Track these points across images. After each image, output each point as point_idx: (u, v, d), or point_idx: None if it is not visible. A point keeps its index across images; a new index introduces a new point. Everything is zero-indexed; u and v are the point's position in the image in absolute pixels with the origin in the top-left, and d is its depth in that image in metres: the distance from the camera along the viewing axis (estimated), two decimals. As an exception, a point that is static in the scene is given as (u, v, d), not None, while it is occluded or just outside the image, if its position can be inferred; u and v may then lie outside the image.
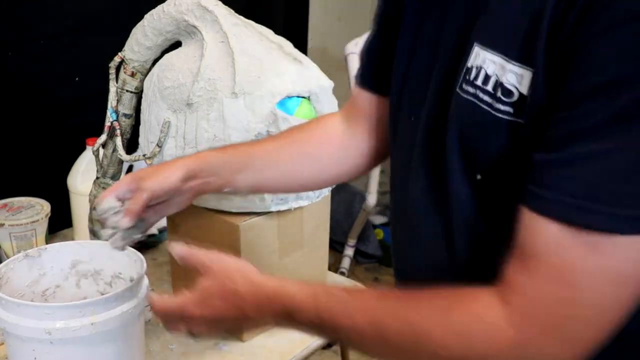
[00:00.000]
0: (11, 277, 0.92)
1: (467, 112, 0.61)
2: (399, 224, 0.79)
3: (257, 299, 0.68)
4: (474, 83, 0.60)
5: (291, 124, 1.00)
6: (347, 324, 0.63)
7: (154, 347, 1.09)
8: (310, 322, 0.65)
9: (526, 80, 0.56)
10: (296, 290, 0.66)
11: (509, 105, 0.57)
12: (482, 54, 0.60)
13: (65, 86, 1.49)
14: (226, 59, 1.00)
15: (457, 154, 0.64)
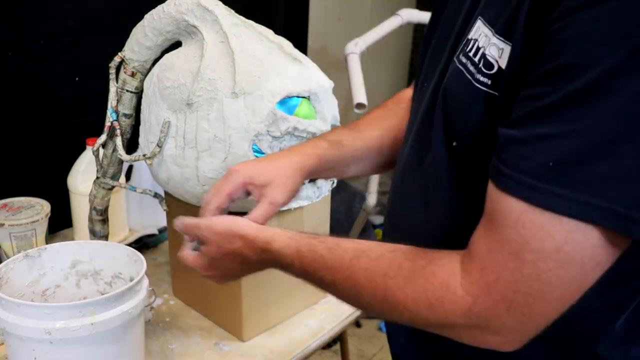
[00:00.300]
0: (11, 277, 0.92)
1: (455, 80, 0.65)
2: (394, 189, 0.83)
3: (255, 253, 0.77)
4: (468, 54, 0.63)
5: (291, 123, 1.00)
6: (328, 279, 0.70)
7: (154, 347, 1.09)
8: (298, 274, 0.74)
9: (505, 54, 0.58)
10: (283, 246, 0.74)
11: (488, 77, 0.60)
12: (481, 28, 0.62)
13: (65, 86, 1.49)
14: (226, 59, 1.00)
15: (440, 120, 0.68)
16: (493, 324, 0.59)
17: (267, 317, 1.15)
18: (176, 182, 1.04)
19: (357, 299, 0.69)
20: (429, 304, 0.61)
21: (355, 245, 0.70)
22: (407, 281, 0.63)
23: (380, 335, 2.62)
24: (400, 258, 0.65)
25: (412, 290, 0.63)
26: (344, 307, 1.25)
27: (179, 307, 1.22)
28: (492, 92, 0.60)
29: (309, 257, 0.72)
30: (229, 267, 0.81)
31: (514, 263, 0.56)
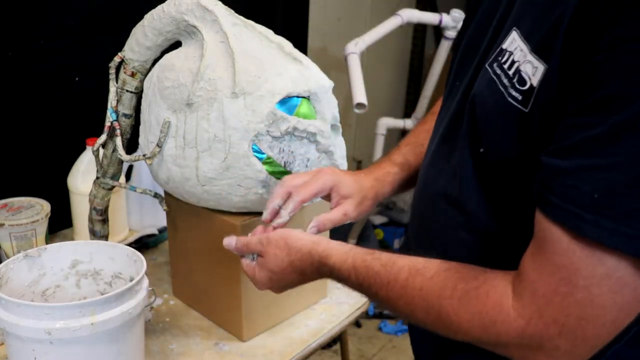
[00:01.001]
0: (11, 277, 0.92)
1: (487, 89, 0.67)
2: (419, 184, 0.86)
3: (312, 265, 0.81)
4: (502, 66, 0.65)
5: (291, 123, 1.00)
6: (383, 295, 0.73)
7: (154, 347, 1.09)
8: (353, 287, 0.78)
9: (539, 73, 0.60)
10: (338, 261, 0.78)
11: (520, 93, 0.62)
12: (517, 41, 0.64)
13: (65, 86, 1.49)
14: (226, 59, 1.00)
15: (468, 125, 0.70)
16: (546, 346, 0.60)
17: (267, 317, 1.15)
18: (176, 182, 1.04)
19: (411, 316, 0.71)
20: (483, 325, 0.63)
21: (410, 263, 0.71)
22: (461, 303, 0.65)
23: (380, 335, 2.62)
24: (455, 278, 0.67)
25: (466, 311, 0.64)
26: (344, 307, 1.25)
27: (179, 307, 1.22)
28: (522, 108, 0.62)
29: (364, 273, 0.75)
30: (287, 280, 0.85)
31: (565, 288, 0.58)
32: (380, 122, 2.81)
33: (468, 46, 0.80)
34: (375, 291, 0.74)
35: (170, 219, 1.20)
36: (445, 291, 0.66)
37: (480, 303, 0.64)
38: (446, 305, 0.66)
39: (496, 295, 0.63)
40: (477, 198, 0.71)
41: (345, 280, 0.78)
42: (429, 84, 2.86)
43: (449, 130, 0.78)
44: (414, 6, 3.46)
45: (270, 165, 1.01)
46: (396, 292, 0.71)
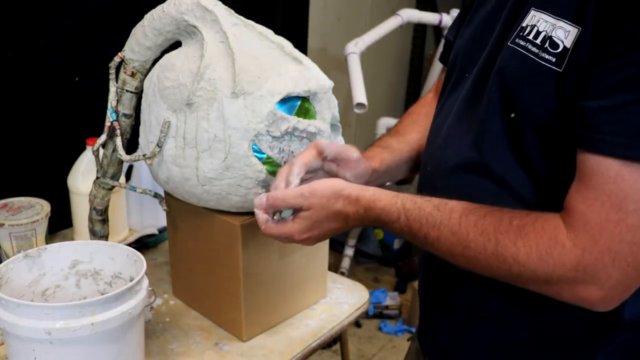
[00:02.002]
0: (11, 277, 0.92)
1: (515, 60, 0.73)
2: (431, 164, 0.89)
3: (357, 212, 0.82)
4: (527, 37, 0.72)
5: (291, 123, 1.00)
6: (435, 235, 0.74)
7: (154, 347, 1.09)
8: (402, 230, 0.78)
9: (572, 36, 0.67)
10: (387, 203, 0.79)
11: (553, 55, 0.69)
12: (538, 15, 0.72)
13: (65, 86, 1.49)
14: (226, 59, 1.00)
15: (496, 96, 0.75)
16: (599, 276, 0.64)
17: (267, 317, 1.15)
18: (176, 182, 1.04)
19: (463, 254, 0.73)
20: (540, 255, 0.66)
21: (463, 204, 0.75)
22: (519, 235, 0.68)
23: (380, 335, 2.62)
24: (509, 215, 0.70)
25: (524, 243, 0.67)
26: (344, 307, 1.25)
27: (179, 307, 1.22)
28: (556, 68, 0.68)
29: (415, 213, 0.77)
30: (328, 227, 0.85)
31: (617, 215, 0.62)
32: (380, 122, 2.82)
33: (473, 41, 0.85)
34: (426, 232, 0.75)
35: (170, 219, 1.20)
36: (502, 226, 0.69)
37: (537, 235, 0.67)
38: (503, 239, 0.68)
39: (551, 228, 0.67)
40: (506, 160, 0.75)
41: (392, 222, 0.79)
42: (429, 84, 2.87)
43: (467, 107, 0.82)
44: (414, 6, 3.46)
45: (270, 165, 1.01)
46: (449, 230, 0.73)
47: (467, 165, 0.80)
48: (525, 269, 0.68)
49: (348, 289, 1.32)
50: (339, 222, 0.85)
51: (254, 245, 1.07)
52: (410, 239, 0.79)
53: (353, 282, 1.36)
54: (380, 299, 2.73)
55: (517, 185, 0.75)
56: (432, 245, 0.76)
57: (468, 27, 0.89)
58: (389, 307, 2.71)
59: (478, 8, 0.87)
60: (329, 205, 0.84)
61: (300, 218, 0.86)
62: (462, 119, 0.83)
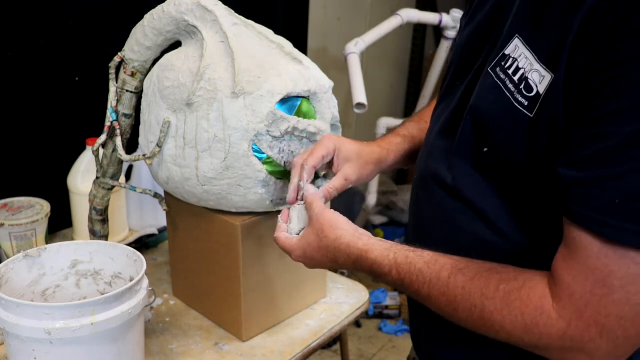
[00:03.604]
0: (11, 277, 0.92)
1: (491, 93, 0.71)
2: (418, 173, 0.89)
3: (349, 258, 0.81)
4: (507, 71, 0.69)
5: (291, 123, 1.00)
6: (425, 292, 0.73)
7: (154, 347, 1.09)
8: (394, 283, 0.77)
9: (545, 82, 0.64)
10: (379, 255, 0.78)
11: (526, 99, 0.66)
12: (521, 49, 0.68)
13: (65, 86, 1.49)
14: (226, 59, 1.00)
15: (470, 127, 0.74)
16: (588, 347, 0.62)
17: (267, 317, 1.15)
18: (176, 182, 1.04)
19: (453, 315, 0.72)
20: (525, 326, 0.65)
21: (453, 262, 0.73)
22: (505, 304, 0.66)
23: (380, 335, 2.62)
24: (496, 279, 0.68)
25: (509, 313, 0.66)
26: (344, 307, 1.25)
27: (179, 307, 1.22)
28: (527, 113, 0.66)
29: (406, 269, 0.75)
30: (318, 260, 0.86)
31: (601, 290, 0.60)
32: (380, 122, 2.82)
33: (469, 47, 0.82)
34: (417, 288, 0.74)
35: (170, 219, 1.20)
36: (489, 291, 0.68)
37: (522, 305, 0.65)
38: (489, 305, 0.67)
39: (537, 297, 0.65)
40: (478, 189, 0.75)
41: (385, 275, 0.78)
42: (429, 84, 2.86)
43: (448, 126, 0.82)
44: (414, 6, 3.46)
45: (270, 165, 1.01)
46: (438, 290, 0.72)
47: (442, 183, 0.80)
48: (511, 337, 0.67)
49: (348, 289, 1.32)
50: (329, 260, 0.85)
51: (254, 245, 1.07)
52: (403, 291, 0.79)
53: (353, 282, 1.36)
54: (380, 299, 2.73)
55: (491, 214, 0.74)
56: (424, 301, 0.75)
57: (467, 27, 0.86)
58: (389, 307, 2.71)
59: (476, 12, 0.84)
60: (321, 237, 0.84)
61: (300, 238, 0.88)
62: (444, 133, 0.82)
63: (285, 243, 0.90)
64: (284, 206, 1.05)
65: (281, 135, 1.00)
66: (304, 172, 0.92)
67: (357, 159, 0.96)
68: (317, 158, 0.93)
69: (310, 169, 0.93)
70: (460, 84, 0.82)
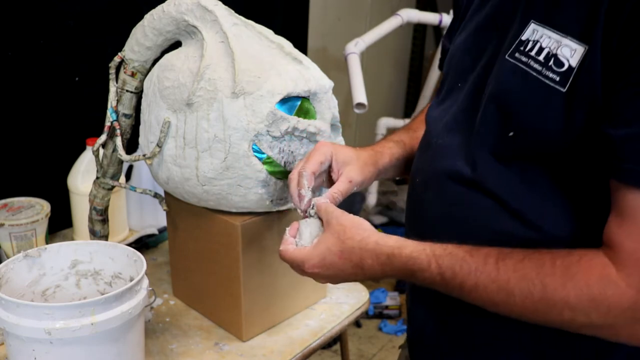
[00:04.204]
0: (11, 277, 0.92)
1: (516, 77, 0.70)
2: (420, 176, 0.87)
3: (377, 258, 0.74)
4: (528, 54, 0.69)
5: (291, 123, 1.00)
6: (471, 283, 0.68)
7: (154, 347, 1.09)
8: (432, 280, 0.71)
9: (578, 54, 0.65)
10: (415, 250, 0.72)
11: (557, 74, 0.66)
12: (541, 31, 0.69)
13: (65, 86, 1.49)
14: (226, 59, 1.00)
15: (493, 114, 0.72)
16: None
17: (267, 317, 1.15)
18: (176, 182, 1.05)
19: (506, 302, 0.67)
20: (592, 299, 0.62)
21: (496, 250, 0.69)
22: (567, 277, 0.63)
23: (380, 335, 2.62)
24: (549, 256, 0.65)
25: (574, 286, 0.62)
26: (344, 307, 1.25)
27: (179, 307, 1.22)
28: (560, 88, 0.66)
29: (447, 260, 0.70)
30: (338, 267, 0.78)
31: None
32: (380, 122, 2.82)
33: (469, 49, 0.82)
34: (461, 280, 0.69)
35: (170, 219, 1.20)
36: (545, 268, 0.64)
37: (585, 276, 0.62)
38: (550, 282, 0.63)
39: (599, 267, 0.62)
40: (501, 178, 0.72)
41: (422, 271, 0.71)
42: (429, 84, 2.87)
43: (458, 122, 0.80)
44: (414, 6, 3.46)
45: (270, 165, 1.01)
46: (487, 277, 0.67)
47: (460, 178, 0.77)
48: (578, 313, 0.63)
49: (348, 289, 1.32)
50: (353, 265, 0.76)
51: (254, 245, 1.07)
52: (441, 288, 0.72)
53: (353, 282, 1.36)
54: (380, 299, 2.73)
55: (515, 203, 0.71)
56: (469, 294, 0.69)
57: (462, 33, 0.86)
58: (389, 307, 2.71)
59: (474, 14, 0.84)
60: (344, 238, 0.77)
61: (315, 246, 0.80)
62: (454, 130, 0.80)
63: (295, 254, 0.81)
64: (284, 206, 1.05)
65: (281, 135, 1.00)
66: (304, 179, 0.87)
67: (356, 161, 0.93)
68: (314, 163, 0.89)
69: (310, 175, 0.88)
70: (463, 85, 0.81)
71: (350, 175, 0.91)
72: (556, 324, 0.66)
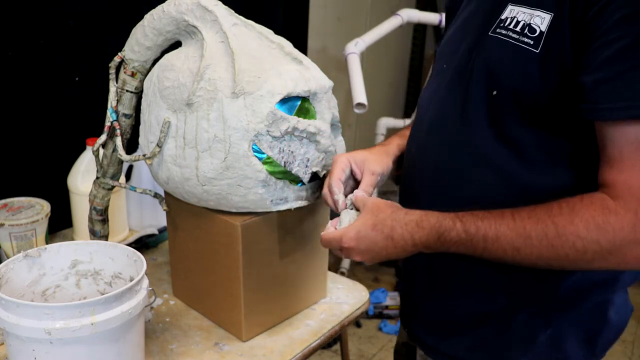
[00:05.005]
0: (11, 277, 0.92)
1: (498, 46, 0.83)
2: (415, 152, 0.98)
3: (406, 226, 0.84)
4: (507, 27, 0.83)
5: (291, 123, 1.00)
6: (493, 234, 0.79)
7: (154, 347, 1.09)
8: (459, 238, 0.81)
9: (546, 21, 0.78)
10: (440, 215, 0.83)
11: (531, 39, 0.79)
12: (517, 9, 0.83)
13: (65, 86, 1.49)
14: (226, 59, 1.00)
15: (482, 77, 0.84)
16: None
17: (267, 317, 1.15)
18: (176, 182, 1.04)
19: (525, 245, 0.77)
20: (598, 227, 0.73)
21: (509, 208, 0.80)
22: (574, 214, 0.74)
23: (380, 335, 2.62)
24: (555, 203, 0.76)
25: (580, 219, 0.74)
26: (344, 307, 1.25)
27: (179, 307, 1.22)
28: (533, 49, 0.78)
29: (470, 218, 0.81)
30: (371, 239, 0.86)
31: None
32: (380, 122, 2.82)
33: (456, 36, 0.95)
34: (484, 232, 0.79)
35: (170, 219, 1.20)
36: (553, 210, 0.76)
37: (589, 210, 0.73)
38: (560, 221, 0.74)
39: (599, 201, 0.73)
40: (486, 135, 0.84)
41: (449, 230, 0.81)
42: (429, 84, 2.86)
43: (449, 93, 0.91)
44: (414, 6, 3.46)
45: (270, 165, 1.01)
46: (506, 226, 0.78)
47: (451, 144, 0.89)
48: (588, 242, 0.73)
49: (348, 289, 1.32)
50: (384, 236, 0.85)
51: (254, 245, 1.07)
52: (467, 245, 0.81)
53: (353, 282, 1.36)
54: (380, 299, 2.73)
55: (497, 159, 0.84)
56: (492, 244, 0.79)
57: (450, 29, 0.99)
58: (389, 307, 2.71)
59: (460, 13, 0.97)
60: (377, 213, 0.87)
61: (355, 220, 0.89)
62: (446, 101, 0.91)
63: (334, 233, 0.90)
64: (284, 206, 1.05)
65: (281, 135, 1.00)
66: (334, 187, 0.98)
67: (371, 156, 1.03)
68: (338, 172, 0.99)
69: (337, 181, 0.98)
70: (449, 65, 0.93)
71: (371, 168, 1.00)
72: (571, 257, 0.75)
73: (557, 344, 0.90)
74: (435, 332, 0.99)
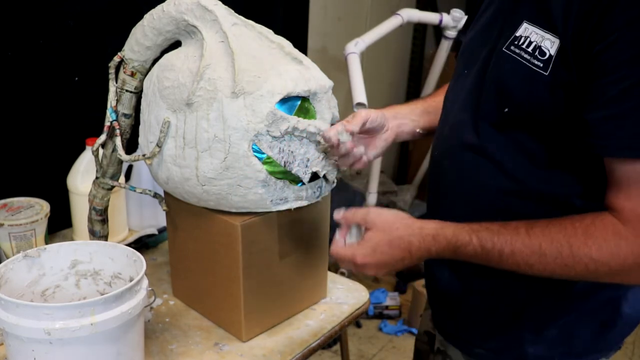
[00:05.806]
0: (11, 277, 0.92)
1: (510, 64, 0.87)
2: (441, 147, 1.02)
3: (424, 240, 0.88)
4: (521, 46, 0.86)
5: (291, 123, 1.00)
6: (508, 250, 0.82)
7: (154, 347, 1.09)
8: (475, 252, 0.85)
9: (555, 45, 0.81)
10: (456, 228, 0.86)
11: (541, 62, 0.83)
12: (531, 29, 0.85)
13: (65, 86, 1.49)
14: (226, 59, 1.00)
15: (493, 93, 0.89)
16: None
17: (267, 317, 1.15)
18: (176, 182, 1.04)
19: (539, 262, 0.81)
20: (610, 251, 0.77)
21: (523, 222, 0.83)
22: (587, 236, 0.79)
23: (380, 335, 2.62)
24: (567, 222, 0.81)
25: (594, 242, 0.78)
26: (344, 307, 1.25)
27: (179, 307, 1.22)
28: (542, 72, 0.82)
29: (486, 234, 0.84)
30: (390, 255, 0.89)
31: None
32: (381, 122, 2.81)
33: (476, 42, 0.98)
34: (500, 248, 0.83)
35: (170, 219, 1.20)
36: (568, 231, 0.80)
37: (602, 234, 0.78)
38: (574, 242, 0.79)
39: (611, 225, 0.78)
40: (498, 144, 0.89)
41: (465, 245, 0.85)
42: (429, 84, 2.87)
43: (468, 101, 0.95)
44: (414, 6, 3.46)
45: (270, 165, 1.01)
46: (521, 243, 0.81)
47: (469, 146, 0.93)
48: (600, 264, 0.78)
49: (348, 289, 1.32)
50: (402, 250, 0.89)
51: (254, 246, 1.07)
52: (482, 259, 0.85)
53: (353, 282, 1.36)
54: (380, 299, 2.73)
55: (510, 166, 0.88)
56: (507, 260, 0.83)
57: (473, 30, 1.01)
58: (389, 307, 2.71)
59: (482, 14, 1.00)
60: (391, 230, 0.89)
61: (364, 240, 0.91)
62: (465, 108, 0.95)
63: (345, 250, 0.92)
64: (284, 205, 1.05)
65: (281, 135, 1.00)
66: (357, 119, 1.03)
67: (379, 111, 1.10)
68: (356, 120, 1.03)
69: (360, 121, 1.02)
70: (469, 72, 0.96)
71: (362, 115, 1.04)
72: (581, 274, 0.80)
73: (569, 334, 0.95)
74: (453, 318, 1.04)
